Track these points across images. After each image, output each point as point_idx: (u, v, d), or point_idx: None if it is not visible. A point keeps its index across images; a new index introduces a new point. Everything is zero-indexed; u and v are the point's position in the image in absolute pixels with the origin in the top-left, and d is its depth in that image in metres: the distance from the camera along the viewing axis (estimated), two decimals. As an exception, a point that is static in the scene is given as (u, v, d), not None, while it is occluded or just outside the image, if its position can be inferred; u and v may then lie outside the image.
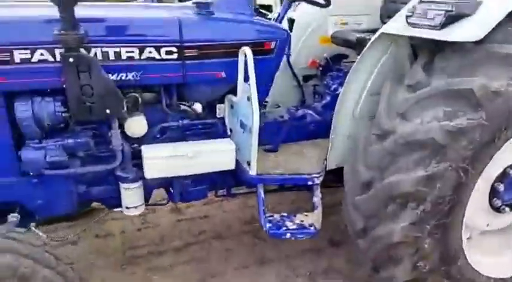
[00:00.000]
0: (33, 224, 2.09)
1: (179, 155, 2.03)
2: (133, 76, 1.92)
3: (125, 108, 1.87)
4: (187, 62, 2.00)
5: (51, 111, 1.81)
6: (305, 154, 2.43)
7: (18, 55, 1.71)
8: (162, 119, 2.16)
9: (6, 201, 1.92)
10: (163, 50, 1.94)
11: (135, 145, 2.10)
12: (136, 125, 2.03)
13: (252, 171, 2.12)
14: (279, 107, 3.08)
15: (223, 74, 2.12)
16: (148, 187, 2.20)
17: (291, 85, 3.12)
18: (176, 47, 1.95)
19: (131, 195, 2.09)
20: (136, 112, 2.04)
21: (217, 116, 2.34)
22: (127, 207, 2.12)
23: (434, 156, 1.74)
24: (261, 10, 3.21)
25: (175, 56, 1.96)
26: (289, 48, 2.93)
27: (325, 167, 2.32)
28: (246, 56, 2.01)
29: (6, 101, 1.79)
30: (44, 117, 1.80)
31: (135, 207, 2.11)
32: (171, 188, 2.29)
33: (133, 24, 1.92)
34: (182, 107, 2.25)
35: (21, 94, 1.80)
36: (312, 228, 2.12)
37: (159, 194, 2.45)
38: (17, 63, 1.72)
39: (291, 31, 2.91)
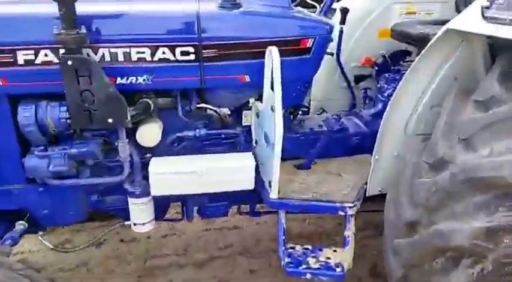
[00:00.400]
0: (41, 233, 2.02)
1: (189, 171, 1.77)
2: (144, 80, 1.71)
3: (129, 117, 1.66)
4: (206, 63, 1.74)
5: (55, 117, 1.67)
6: (342, 174, 2.04)
7: (22, 56, 1.59)
8: (178, 127, 1.93)
9: (14, 209, 1.85)
10: (178, 50, 1.69)
11: (148, 155, 1.90)
12: (148, 134, 1.83)
13: (273, 194, 1.80)
14: (324, 112, 2.70)
15: (247, 78, 1.81)
16: (161, 201, 1.98)
17: (339, 86, 2.71)
18: (193, 46, 1.70)
19: (138, 211, 1.90)
20: (149, 119, 1.84)
21: (244, 124, 2.05)
22: (134, 224, 1.93)
23: (503, 201, 1.28)
24: (308, 1, 2.79)
25: (192, 56, 1.71)
26: (339, 45, 2.54)
27: (365, 193, 1.92)
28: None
29: (10, 105, 1.68)
30: (48, 123, 1.67)
31: (143, 224, 1.91)
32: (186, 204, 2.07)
33: (145, 21, 1.70)
34: (202, 114, 2.02)
35: (25, 98, 1.69)
36: (339, 269, 1.74)
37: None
38: (21, 65, 1.60)
39: (343, 23, 2.50)
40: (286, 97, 1.81)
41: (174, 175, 1.77)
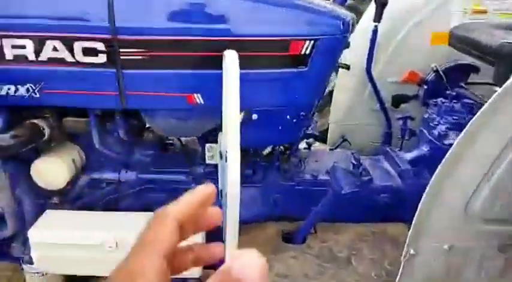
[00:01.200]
0: None
1: (90, 244, 1.08)
2: (28, 90, 1.07)
3: None
4: (127, 71, 1.05)
5: None
6: (353, 262, 1.26)
7: None
8: (97, 164, 1.28)
9: None
10: (78, 46, 1.02)
11: (55, 200, 1.27)
12: (48, 172, 1.20)
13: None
14: (344, 141, 1.93)
15: (198, 98, 1.11)
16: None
17: (369, 108, 1.93)
18: (103, 41, 1.02)
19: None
20: (54, 149, 1.23)
21: (207, 162, 1.34)
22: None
23: None
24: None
25: (102, 58, 1.03)
26: (371, 51, 1.76)
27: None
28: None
29: None
30: None
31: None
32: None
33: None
34: (145, 143, 1.36)
35: None
36: None
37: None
38: None
39: (379, 21, 1.73)
40: (268, 133, 1.17)
41: (65, 249, 1.09)
